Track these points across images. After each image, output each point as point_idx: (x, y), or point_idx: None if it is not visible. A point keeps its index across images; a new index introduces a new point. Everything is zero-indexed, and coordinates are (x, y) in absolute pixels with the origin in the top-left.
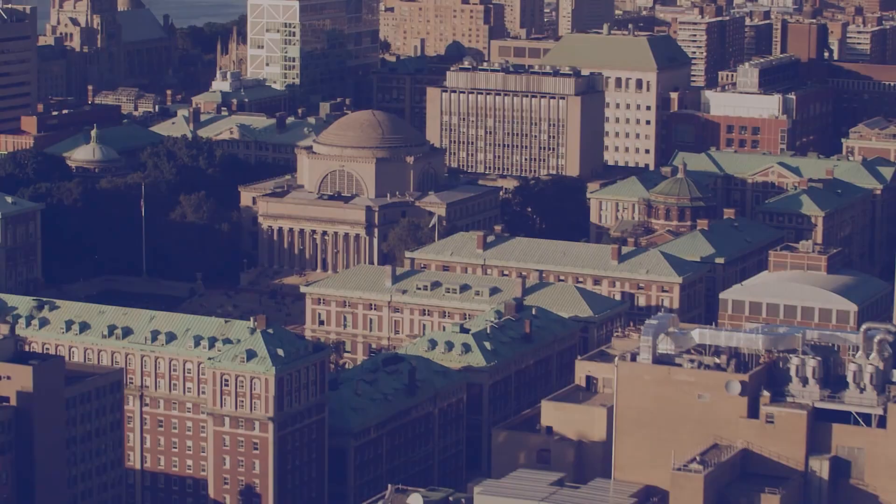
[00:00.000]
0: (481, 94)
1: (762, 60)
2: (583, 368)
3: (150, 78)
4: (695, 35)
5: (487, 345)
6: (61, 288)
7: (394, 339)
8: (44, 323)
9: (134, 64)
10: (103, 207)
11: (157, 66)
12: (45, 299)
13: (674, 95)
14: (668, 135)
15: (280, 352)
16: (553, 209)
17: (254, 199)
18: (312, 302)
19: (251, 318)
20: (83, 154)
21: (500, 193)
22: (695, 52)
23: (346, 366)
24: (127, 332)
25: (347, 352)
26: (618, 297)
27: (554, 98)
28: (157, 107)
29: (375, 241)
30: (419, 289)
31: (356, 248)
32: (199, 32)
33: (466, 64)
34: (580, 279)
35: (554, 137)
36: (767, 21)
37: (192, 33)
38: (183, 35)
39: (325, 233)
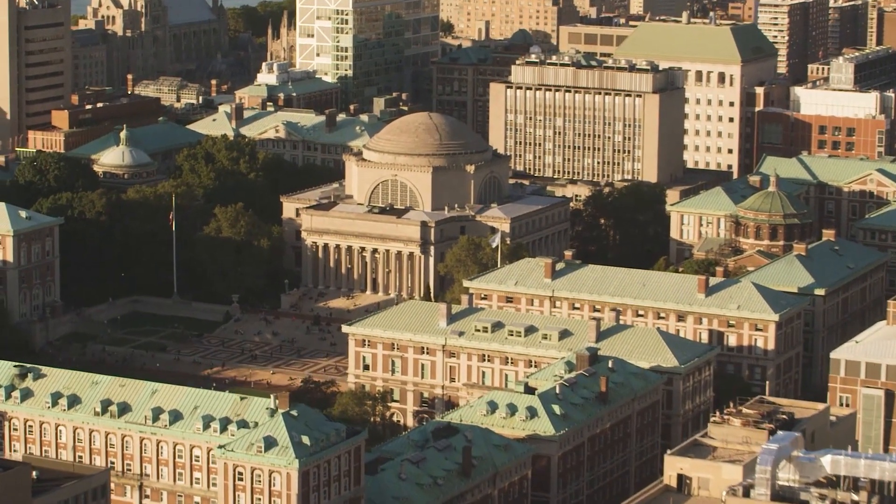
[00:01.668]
0: (550, 90)
1: (857, 54)
2: (673, 465)
3: (198, 63)
4: (776, 18)
5: (556, 408)
6: (82, 311)
7: (448, 387)
8: (27, 395)
9: (180, 48)
10: (130, 220)
11: (206, 51)
12: (28, 366)
13: (759, 91)
14: (753, 134)
15: (305, 439)
16: (629, 221)
17: (297, 210)
18: (356, 344)
19: (272, 396)
20: (111, 158)
21: (571, 204)
22: (776, 37)
23: (394, 417)
24: (124, 408)
25: (395, 401)
26: (704, 336)
27: (630, 96)
28: (200, 98)
29: (431, 260)
30: (478, 331)
31: (410, 269)
32: (252, 13)
33: (533, 57)
34: (662, 314)
35: (630, 139)
36: (852, 2)
37: (244, 13)
38: (234, 16)
39: (375, 250)
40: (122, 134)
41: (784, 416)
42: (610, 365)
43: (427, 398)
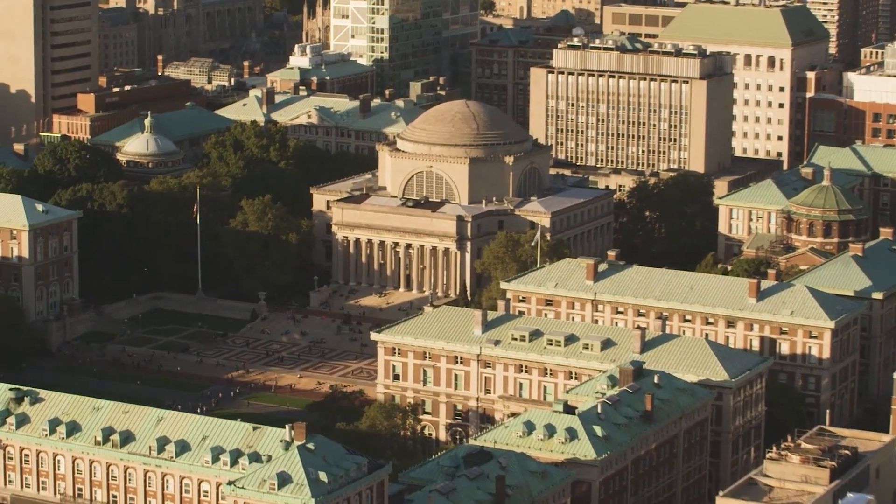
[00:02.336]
0: (593, 75)
1: None
2: None
3: (232, 42)
4: None
5: (598, 430)
6: (101, 309)
7: (483, 399)
8: (23, 421)
9: (214, 27)
10: (152, 213)
11: (240, 30)
12: (25, 388)
13: (810, 75)
14: (804, 120)
15: (322, 476)
16: (675, 213)
17: (328, 203)
18: (386, 352)
19: (287, 427)
20: (135, 146)
21: (615, 196)
22: (825, 17)
23: (426, 430)
24: (127, 437)
25: (427, 413)
26: (755, 343)
27: (676, 81)
28: (232, 80)
29: (468, 256)
30: (515, 339)
31: (445, 265)
32: None
33: (576, 40)
34: (710, 320)
35: (676, 127)
36: None
37: None
38: None
39: (409, 246)
40: (147, 121)
41: (846, 452)
42: (655, 380)
43: (460, 411)
